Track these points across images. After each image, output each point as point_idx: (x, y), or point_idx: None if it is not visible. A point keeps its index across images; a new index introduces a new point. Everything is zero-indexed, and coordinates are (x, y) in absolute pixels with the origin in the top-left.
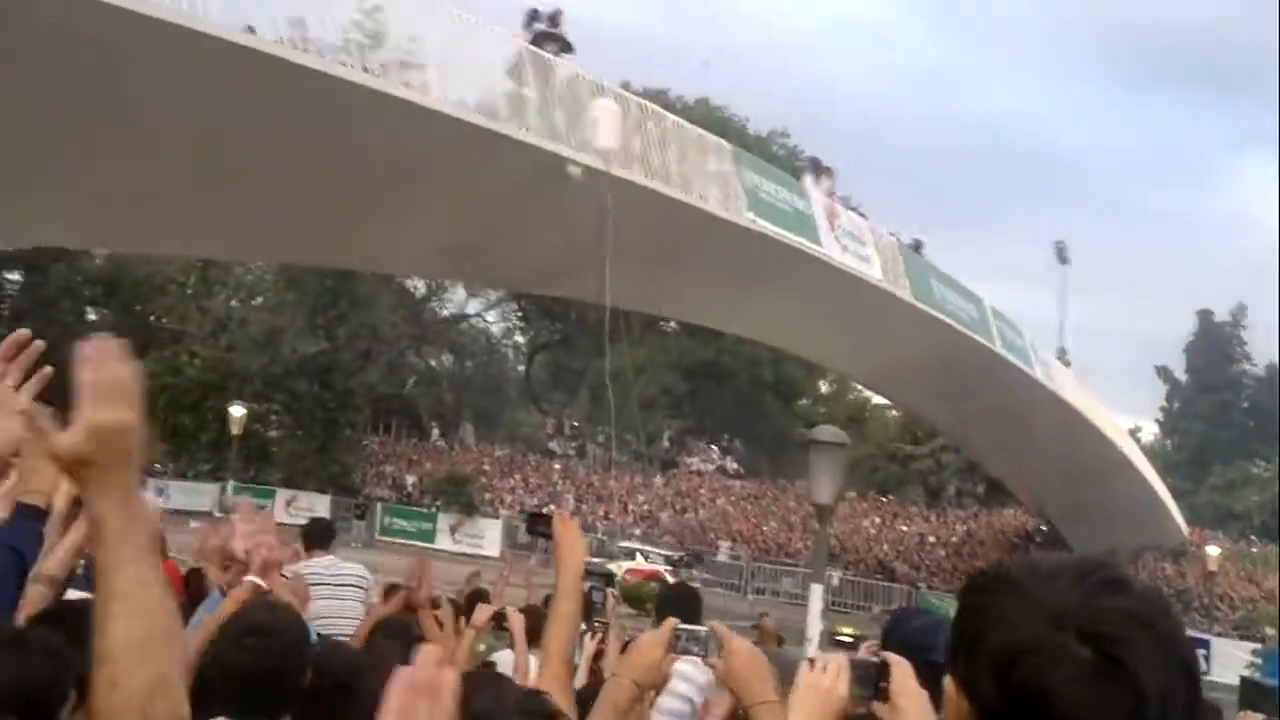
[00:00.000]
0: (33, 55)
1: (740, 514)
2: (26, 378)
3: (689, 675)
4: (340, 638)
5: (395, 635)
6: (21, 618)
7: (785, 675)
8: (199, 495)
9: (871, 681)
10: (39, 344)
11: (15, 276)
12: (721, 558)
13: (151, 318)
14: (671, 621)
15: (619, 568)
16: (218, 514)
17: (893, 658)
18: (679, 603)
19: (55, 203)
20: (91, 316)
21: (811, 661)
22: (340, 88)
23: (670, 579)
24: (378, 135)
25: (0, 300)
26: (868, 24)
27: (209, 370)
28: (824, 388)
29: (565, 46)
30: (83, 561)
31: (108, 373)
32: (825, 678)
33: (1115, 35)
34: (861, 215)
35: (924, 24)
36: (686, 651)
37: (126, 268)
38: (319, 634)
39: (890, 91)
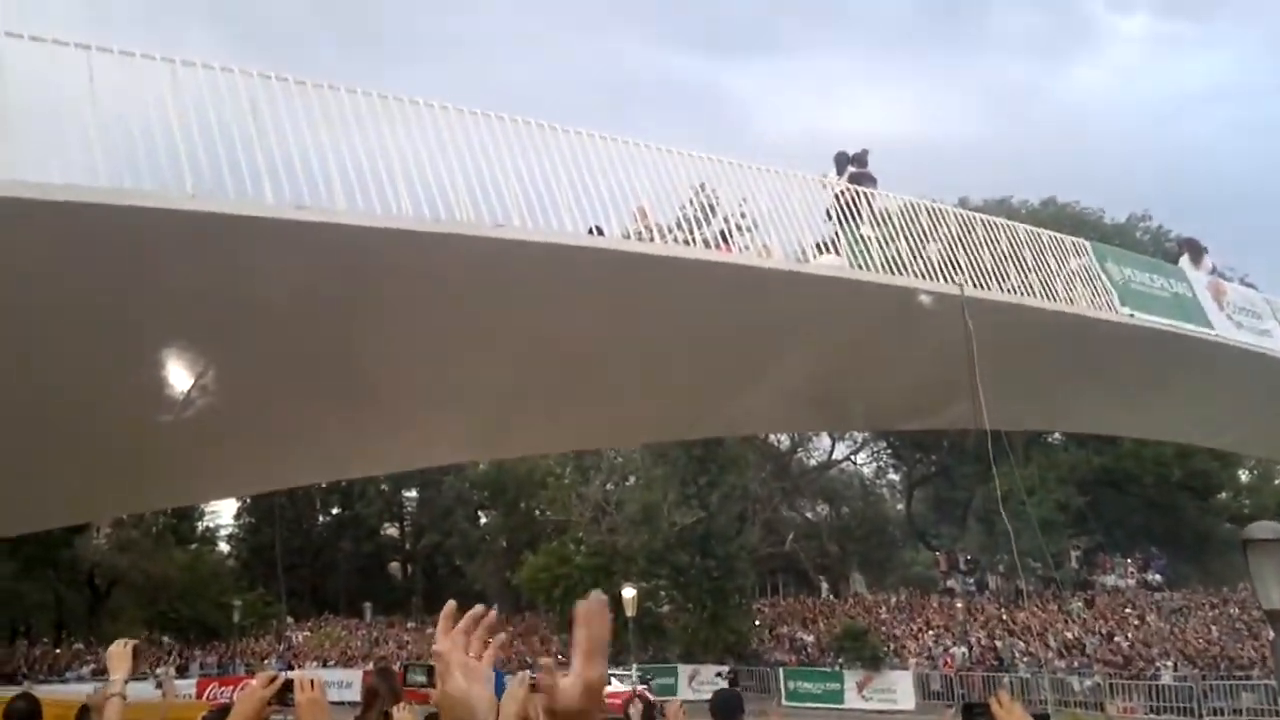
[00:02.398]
0: (397, 291)
1: (1177, 629)
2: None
3: None
4: None
5: None
6: None
7: None
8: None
9: None
10: (493, 615)
11: (412, 494)
12: (1165, 680)
13: (536, 512)
14: None
15: None
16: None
17: None
18: None
19: (443, 428)
20: (483, 520)
21: None
22: (686, 266)
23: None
24: (728, 307)
25: (402, 518)
26: (1210, 86)
27: (595, 555)
28: (1245, 477)
29: (874, 184)
30: None
31: (598, 632)
32: None
33: None
34: (1251, 286)
35: (1270, 71)
36: None
37: (508, 468)
38: None
39: (1255, 145)
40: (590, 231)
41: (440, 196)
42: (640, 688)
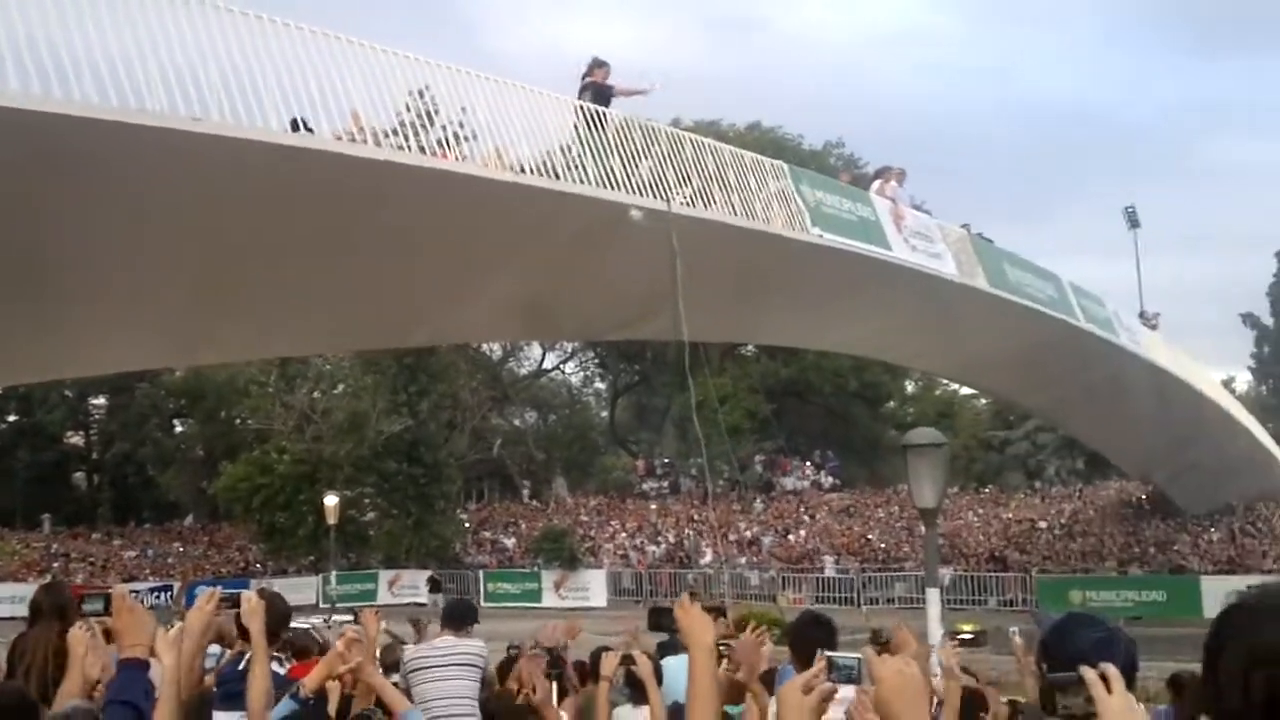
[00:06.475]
0: (84, 182)
1: (842, 527)
2: None
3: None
4: (445, 718)
5: None
6: None
7: None
8: (304, 590)
9: None
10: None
11: (100, 401)
12: (829, 573)
13: (237, 420)
14: (822, 661)
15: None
16: (321, 605)
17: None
18: (814, 631)
19: (126, 327)
20: (179, 429)
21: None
22: (397, 172)
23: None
24: (442, 212)
25: (89, 427)
26: (911, 27)
27: (298, 464)
28: (910, 388)
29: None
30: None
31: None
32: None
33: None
34: (927, 213)
35: (968, 17)
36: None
37: (207, 376)
38: None
39: (944, 87)
40: (293, 123)
41: (130, 83)
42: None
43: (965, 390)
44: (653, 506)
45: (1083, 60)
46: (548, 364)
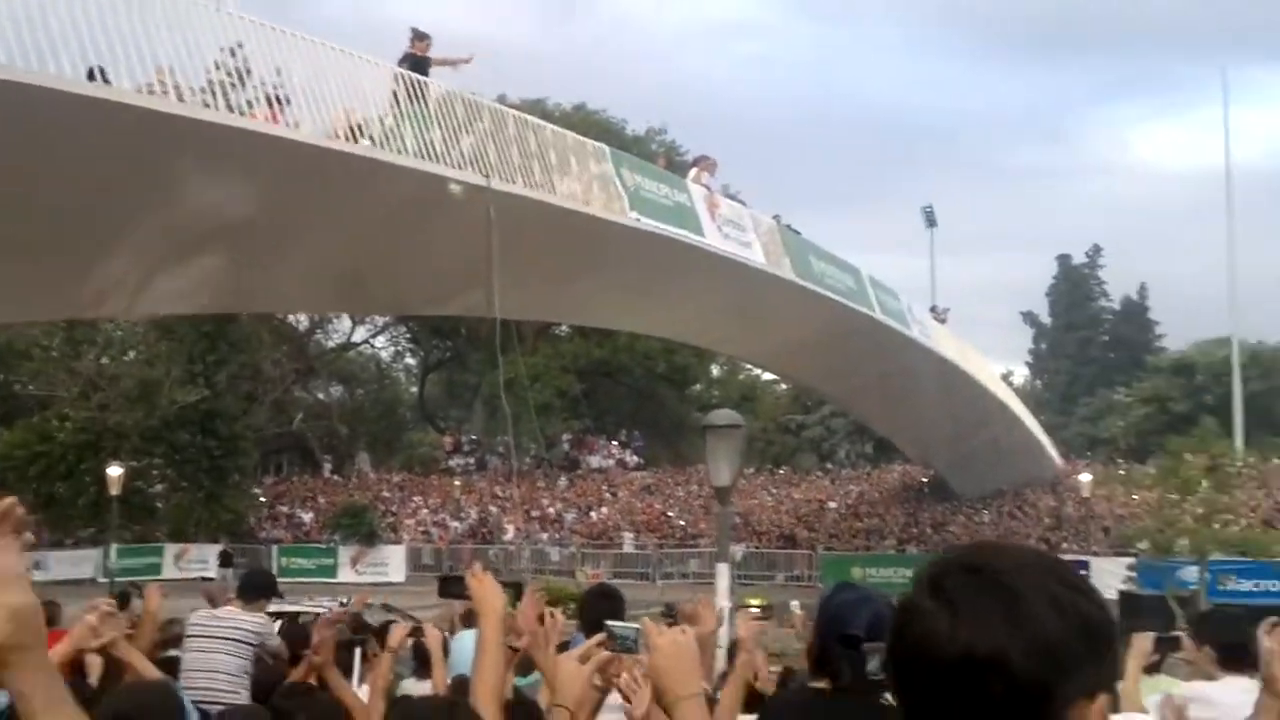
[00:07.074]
0: None
1: (643, 504)
2: None
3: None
4: (204, 691)
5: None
6: None
7: None
8: (82, 563)
9: None
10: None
11: None
12: (627, 549)
13: (16, 385)
14: (598, 636)
15: None
16: (101, 579)
17: None
18: (602, 603)
19: None
20: None
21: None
22: (204, 130)
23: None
24: (249, 175)
25: None
26: (735, 19)
27: (81, 432)
28: (716, 371)
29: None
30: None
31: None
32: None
33: (969, 6)
34: (741, 202)
35: (789, 12)
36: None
37: None
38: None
39: (763, 80)
40: (89, 72)
41: None
42: None
43: (767, 375)
44: (457, 483)
45: (893, 64)
46: (357, 337)
